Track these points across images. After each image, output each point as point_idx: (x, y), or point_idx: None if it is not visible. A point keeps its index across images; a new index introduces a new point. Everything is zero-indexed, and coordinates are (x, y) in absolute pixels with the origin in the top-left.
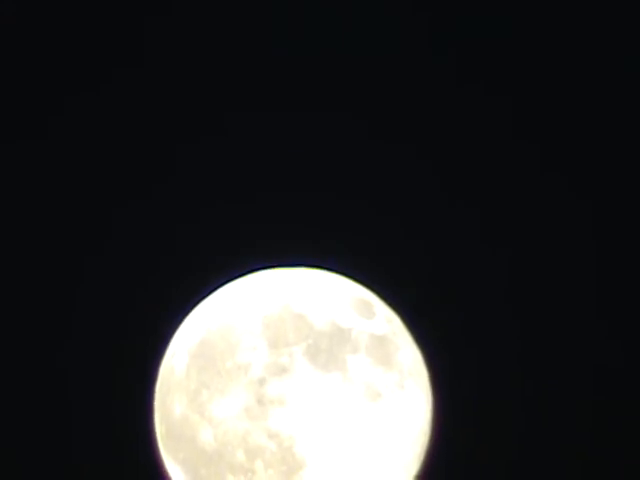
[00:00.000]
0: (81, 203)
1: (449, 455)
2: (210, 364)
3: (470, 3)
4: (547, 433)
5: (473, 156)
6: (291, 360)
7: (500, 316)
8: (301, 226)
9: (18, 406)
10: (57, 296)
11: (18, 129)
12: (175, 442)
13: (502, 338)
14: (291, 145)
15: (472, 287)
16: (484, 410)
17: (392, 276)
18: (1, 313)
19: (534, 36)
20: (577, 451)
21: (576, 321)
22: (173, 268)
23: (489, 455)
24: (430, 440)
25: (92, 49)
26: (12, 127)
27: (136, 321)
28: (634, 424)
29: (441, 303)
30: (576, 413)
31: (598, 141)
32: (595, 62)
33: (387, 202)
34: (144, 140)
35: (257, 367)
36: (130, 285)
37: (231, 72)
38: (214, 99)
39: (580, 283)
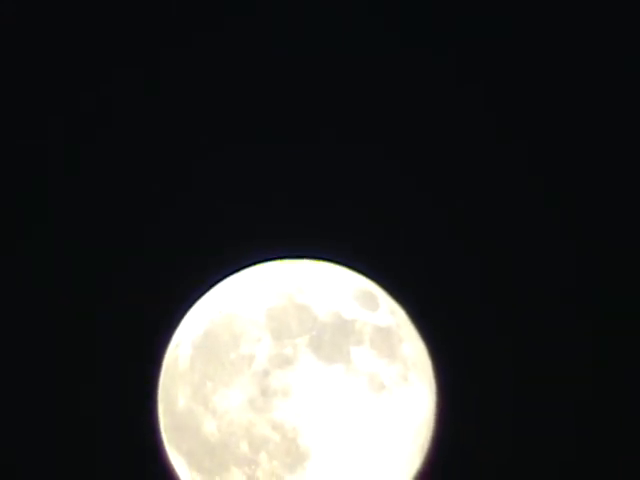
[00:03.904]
0: (85, 195)
1: (452, 447)
2: (214, 355)
3: (470, 3)
4: (550, 427)
5: (474, 150)
6: (295, 352)
7: (505, 308)
8: (304, 218)
9: (19, 399)
10: (59, 288)
11: (18, 129)
12: (179, 433)
13: (507, 331)
14: (293, 139)
15: (477, 279)
16: (488, 402)
17: (396, 268)
18: (7, 310)
19: (534, 36)
20: (578, 441)
21: (580, 313)
22: (176, 260)
23: (492, 448)
24: (433, 432)
25: (93, 49)
26: (12, 127)
27: (140, 312)
28: (635, 424)
29: (445, 295)
30: (578, 406)
31: (598, 144)
32: (595, 62)
33: (391, 194)
34: (146, 137)
35: (261, 358)
36: (134, 277)
37: (229, 71)
38: (217, 99)
39: (582, 276)
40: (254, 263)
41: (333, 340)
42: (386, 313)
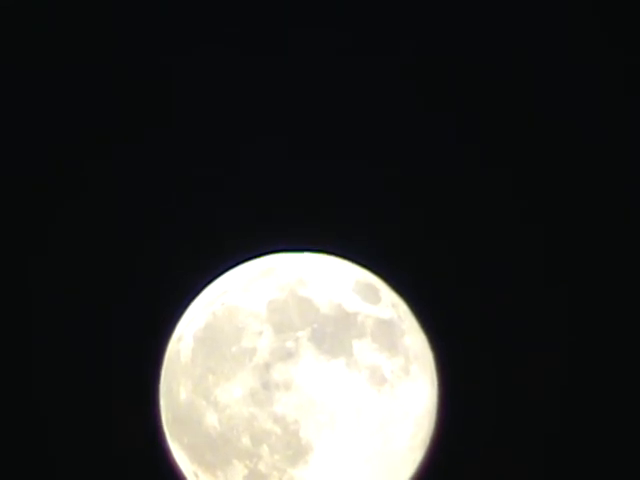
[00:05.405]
0: (87, 181)
1: (455, 440)
2: (216, 349)
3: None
4: (552, 420)
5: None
6: (297, 345)
7: (505, 300)
8: (306, 211)
9: (20, 393)
10: (59, 277)
11: (17, 129)
12: (180, 427)
13: (508, 322)
14: (293, 133)
15: (478, 271)
16: (489, 394)
17: (398, 260)
18: (8, 300)
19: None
20: (581, 428)
21: (579, 304)
22: (178, 253)
23: (495, 440)
24: (436, 425)
25: (94, 50)
26: (12, 128)
27: (142, 305)
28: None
29: (447, 287)
30: (578, 395)
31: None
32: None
33: (392, 187)
34: (149, 131)
35: (263, 352)
36: (135, 270)
37: (229, 71)
38: (228, 95)
39: (580, 266)
40: (255, 256)
41: (335, 333)
42: (388, 306)
